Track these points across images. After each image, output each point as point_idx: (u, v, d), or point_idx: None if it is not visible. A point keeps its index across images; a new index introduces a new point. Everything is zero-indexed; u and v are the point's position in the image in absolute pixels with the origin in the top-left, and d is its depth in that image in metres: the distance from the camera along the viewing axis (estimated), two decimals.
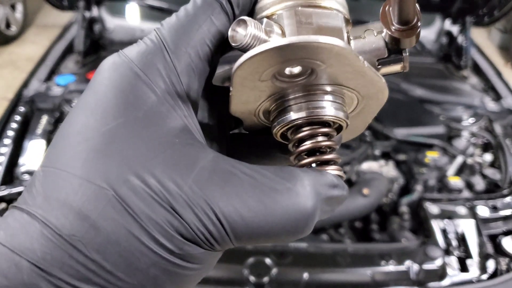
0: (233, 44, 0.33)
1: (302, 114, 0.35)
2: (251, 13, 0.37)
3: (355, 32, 0.37)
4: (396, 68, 0.37)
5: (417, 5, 0.34)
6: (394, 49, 0.36)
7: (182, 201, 0.30)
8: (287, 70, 0.33)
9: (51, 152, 0.32)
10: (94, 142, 0.31)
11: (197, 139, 0.34)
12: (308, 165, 0.37)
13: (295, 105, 0.35)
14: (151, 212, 0.30)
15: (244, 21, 0.33)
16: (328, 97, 0.36)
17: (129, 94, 0.32)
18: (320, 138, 0.37)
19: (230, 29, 0.34)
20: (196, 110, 0.35)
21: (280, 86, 0.35)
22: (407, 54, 0.36)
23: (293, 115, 0.35)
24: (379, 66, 0.36)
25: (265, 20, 0.34)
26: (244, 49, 0.33)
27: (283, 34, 0.34)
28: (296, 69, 0.33)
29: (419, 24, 0.34)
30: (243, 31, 0.33)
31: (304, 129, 0.36)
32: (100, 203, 0.30)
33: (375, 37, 0.36)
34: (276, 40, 0.31)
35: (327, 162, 0.37)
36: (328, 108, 0.36)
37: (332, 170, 0.36)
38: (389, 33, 0.35)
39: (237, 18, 0.34)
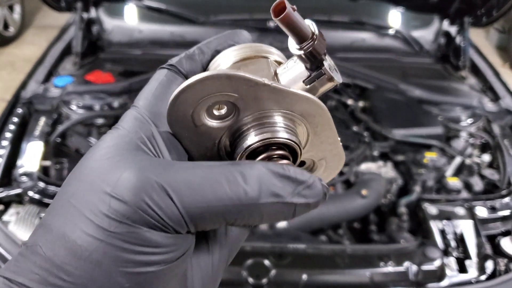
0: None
1: (256, 139, 0.38)
2: None
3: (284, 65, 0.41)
4: (327, 84, 0.39)
5: (306, 20, 0.38)
6: (312, 67, 0.38)
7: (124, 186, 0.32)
8: (214, 111, 0.37)
9: None
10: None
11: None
12: None
13: (248, 133, 0.38)
14: (86, 198, 0.33)
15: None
16: (279, 122, 0.38)
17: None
18: (275, 158, 0.39)
19: None
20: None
21: (222, 125, 0.38)
22: (325, 66, 0.38)
23: (248, 142, 0.38)
24: (307, 86, 0.39)
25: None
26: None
27: None
28: (222, 109, 0.37)
29: (315, 36, 0.37)
30: None
31: (261, 152, 0.39)
32: (53, 207, 0.34)
33: (294, 63, 0.39)
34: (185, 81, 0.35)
35: None
36: (280, 132, 0.38)
37: None
38: (297, 55, 0.38)
39: None
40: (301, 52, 0.37)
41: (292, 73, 0.39)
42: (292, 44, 0.38)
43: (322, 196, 0.37)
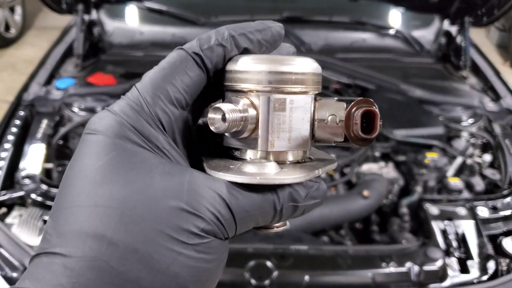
0: (214, 131, 0.38)
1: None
2: (223, 71, 0.41)
3: (322, 107, 0.41)
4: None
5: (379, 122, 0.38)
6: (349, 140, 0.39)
7: (187, 197, 0.34)
8: None
9: (57, 202, 0.36)
10: (92, 176, 0.35)
11: (178, 161, 0.39)
12: None
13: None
14: (159, 215, 0.34)
15: (221, 110, 0.37)
16: None
17: (117, 137, 0.36)
18: None
19: (208, 115, 0.38)
20: (175, 141, 0.40)
21: None
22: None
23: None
24: (333, 144, 0.41)
25: (241, 102, 0.39)
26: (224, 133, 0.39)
27: (257, 118, 0.39)
28: None
29: (374, 136, 0.38)
30: (221, 123, 0.37)
31: None
32: (111, 221, 0.33)
33: (337, 125, 0.40)
34: (241, 177, 0.36)
35: None
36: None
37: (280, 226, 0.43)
38: (347, 134, 0.39)
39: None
40: (355, 138, 0.39)
41: (329, 131, 0.40)
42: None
43: (325, 194, 0.41)
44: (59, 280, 0.31)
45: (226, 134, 0.40)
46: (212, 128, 0.38)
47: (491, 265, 1.40)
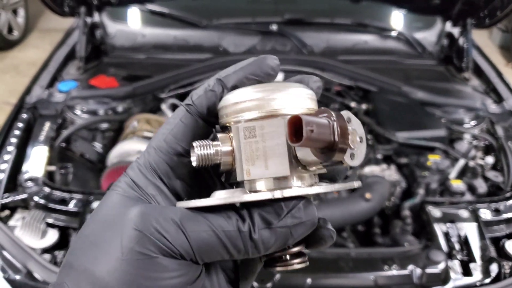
0: (194, 166, 0.40)
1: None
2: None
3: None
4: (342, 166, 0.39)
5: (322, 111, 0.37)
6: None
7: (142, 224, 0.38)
8: None
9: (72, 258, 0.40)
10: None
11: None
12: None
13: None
14: (104, 235, 0.39)
15: (193, 146, 0.40)
16: None
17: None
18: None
19: (190, 153, 0.41)
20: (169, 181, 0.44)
21: None
22: (345, 160, 0.37)
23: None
24: (321, 166, 0.40)
25: (218, 136, 0.41)
26: (203, 167, 0.41)
27: (232, 148, 0.40)
28: None
29: (336, 146, 0.36)
30: (195, 157, 0.40)
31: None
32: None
33: None
34: (203, 201, 0.38)
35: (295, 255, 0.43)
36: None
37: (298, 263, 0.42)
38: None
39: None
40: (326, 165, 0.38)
41: (310, 155, 0.38)
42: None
43: (313, 215, 0.39)
44: None
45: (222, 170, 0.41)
46: (192, 163, 0.40)
47: (494, 268, 1.40)
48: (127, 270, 0.36)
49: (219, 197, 0.39)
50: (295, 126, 0.35)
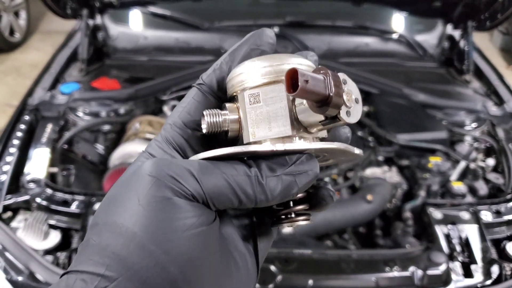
0: (204, 132, 0.44)
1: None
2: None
3: None
4: (341, 124, 0.41)
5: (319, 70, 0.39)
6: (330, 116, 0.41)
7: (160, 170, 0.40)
8: None
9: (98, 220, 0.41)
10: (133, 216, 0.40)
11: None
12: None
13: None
14: (122, 191, 0.41)
15: (203, 114, 0.43)
16: None
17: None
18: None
19: (201, 122, 0.44)
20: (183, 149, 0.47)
21: None
22: (341, 114, 0.39)
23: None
24: (323, 127, 0.42)
25: (226, 106, 0.44)
26: (211, 135, 0.44)
27: (238, 115, 0.44)
28: None
29: (330, 98, 0.38)
30: (205, 125, 0.43)
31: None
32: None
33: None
34: (215, 151, 0.41)
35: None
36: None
37: (302, 220, 0.46)
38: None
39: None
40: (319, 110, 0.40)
41: (310, 115, 0.41)
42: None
43: (315, 169, 0.43)
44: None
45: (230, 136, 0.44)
46: (203, 130, 0.44)
47: (495, 270, 1.40)
48: (145, 214, 0.38)
49: (226, 148, 0.41)
50: (292, 80, 0.37)
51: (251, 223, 0.48)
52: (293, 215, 0.45)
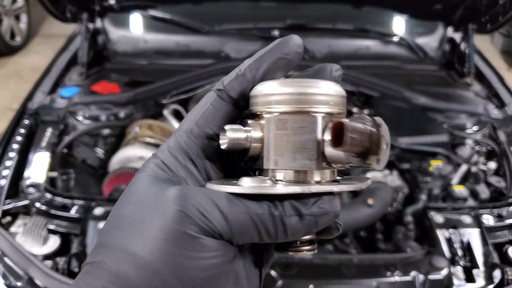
0: (222, 148, 0.42)
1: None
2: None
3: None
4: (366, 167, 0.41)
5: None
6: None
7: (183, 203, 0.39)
8: None
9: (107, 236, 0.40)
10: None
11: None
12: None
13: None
14: (143, 216, 0.39)
15: (224, 129, 0.41)
16: None
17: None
18: None
19: (220, 136, 0.42)
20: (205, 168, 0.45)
21: None
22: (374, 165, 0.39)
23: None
24: (348, 166, 0.43)
25: (249, 123, 0.42)
26: (231, 151, 0.42)
27: (262, 135, 0.42)
28: None
29: (345, 149, 0.37)
30: (225, 140, 0.41)
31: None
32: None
33: None
34: (236, 188, 0.40)
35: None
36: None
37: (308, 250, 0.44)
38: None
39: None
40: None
41: (338, 154, 0.40)
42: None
43: (337, 208, 0.42)
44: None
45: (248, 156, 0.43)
46: (221, 146, 0.42)
47: (497, 274, 1.39)
48: (169, 250, 0.37)
49: (251, 185, 0.40)
50: (337, 131, 0.37)
51: (260, 250, 0.47)
52: (299, 243, 0.44)
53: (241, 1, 2.56)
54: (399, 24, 2.68)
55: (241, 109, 0.45)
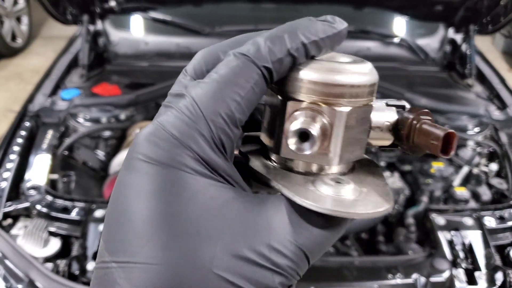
0: (298, 153, 0.36)
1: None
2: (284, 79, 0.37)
3: (376, 114, 0.40)
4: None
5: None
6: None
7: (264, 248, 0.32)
8: None
9: (104, 248, 0.33)
10: (140, 230, 0.32)
11: (236, 194, 0.35)
12: None
13: None
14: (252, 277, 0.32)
15: (313, 138, 0.35)
16: None
17: (169, 171, 0.33)
18: None
19: (290, 142, 0.36)
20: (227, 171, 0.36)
21: None
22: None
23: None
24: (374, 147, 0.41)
25: (318, 118, 0.36)
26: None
27: (330, 133, 0.36)
28: None
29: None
30: (308, 149, 0.36)
31: None
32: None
33: (389, 132, 0.40)
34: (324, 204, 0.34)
35: None
36: None
37: None
38: (405, 144, 0.39)
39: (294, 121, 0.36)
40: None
41: (380, 139, 0.40)
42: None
43: None
44: None
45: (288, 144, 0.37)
46: (296, 151, 0.36)
47: (499, 276, 1.38)
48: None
49: (335, 195, 0.36)
50: (446, 140, 0.35)
51: None
52: None
53: (242, 2, 2.55)
54: (400, 26, 2.67)
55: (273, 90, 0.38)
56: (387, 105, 0.40)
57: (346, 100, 0.36)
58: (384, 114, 0.39)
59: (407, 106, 0.40)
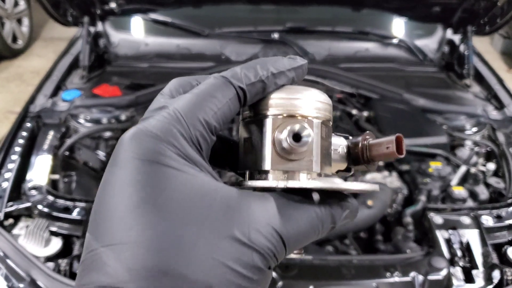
0: (293, 158, 0.40)
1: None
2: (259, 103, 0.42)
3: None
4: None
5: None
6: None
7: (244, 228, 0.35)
8: None
9: (90, 240, 0.35)
10: (125, 219, 0.34)
11: (219, 184, 0.38)
12: None
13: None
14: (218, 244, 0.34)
15: (306, 141, 0.40)
16: None
17: (152, 164, 0.35)
18: None
19: (286, 141, 0.40)
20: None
21: None
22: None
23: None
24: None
25: (309, 137, 0.40)
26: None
27: (312, 139, 0.41)
28: None
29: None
30: (302, 147, 0.40)
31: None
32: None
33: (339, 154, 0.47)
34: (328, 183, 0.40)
35: None
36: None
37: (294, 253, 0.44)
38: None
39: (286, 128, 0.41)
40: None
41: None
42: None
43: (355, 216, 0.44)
44: None
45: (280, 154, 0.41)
46: (293, 154, 0.40)
47: (496, 275, 1.39)
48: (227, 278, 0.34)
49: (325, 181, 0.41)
50: (399, 143, 0.43)
51: None
52: None
53: (241, 4, 2.57)
54: (398, 27, 2.69)
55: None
56: (335, 134, 0.46)
57: (314, 115, 0.42)
58: (337, 139, 0.46)
59: (350, 137, 0.47)
